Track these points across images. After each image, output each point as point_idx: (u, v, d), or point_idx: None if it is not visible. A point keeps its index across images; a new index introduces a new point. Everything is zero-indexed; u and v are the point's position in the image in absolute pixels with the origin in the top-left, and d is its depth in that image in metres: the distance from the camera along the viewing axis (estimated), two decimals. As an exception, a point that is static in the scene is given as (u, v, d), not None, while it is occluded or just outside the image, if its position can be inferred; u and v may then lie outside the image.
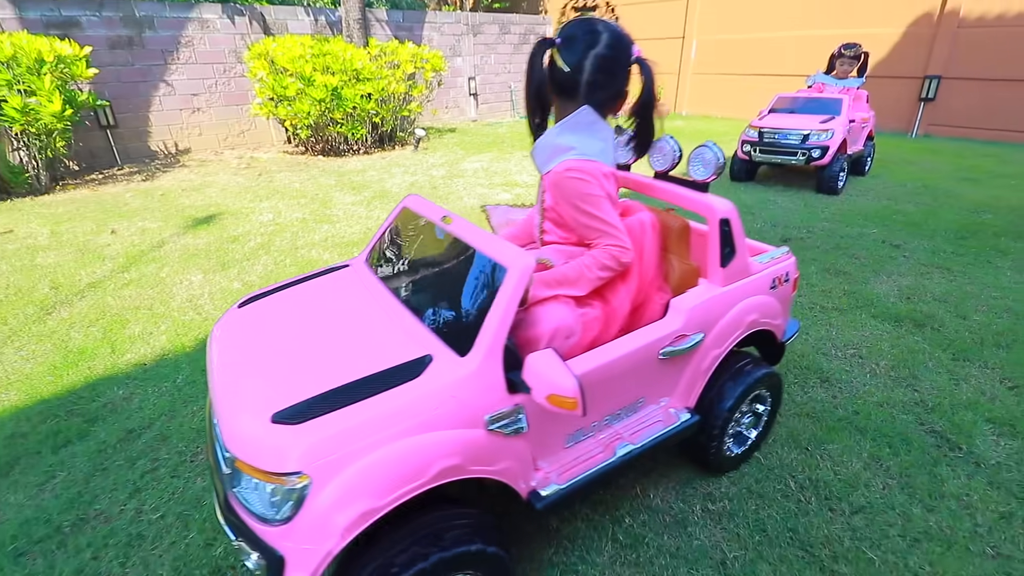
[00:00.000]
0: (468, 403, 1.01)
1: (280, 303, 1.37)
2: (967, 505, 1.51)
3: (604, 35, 1.17)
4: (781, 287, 1.59)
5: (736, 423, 1.57)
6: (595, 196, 1.20)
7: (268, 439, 0.92)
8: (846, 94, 4.94)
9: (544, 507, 1.14)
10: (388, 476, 0.92)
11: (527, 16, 11.47)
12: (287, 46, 6.53)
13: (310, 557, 0.89)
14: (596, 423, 1.29)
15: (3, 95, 4.86)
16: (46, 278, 3.14)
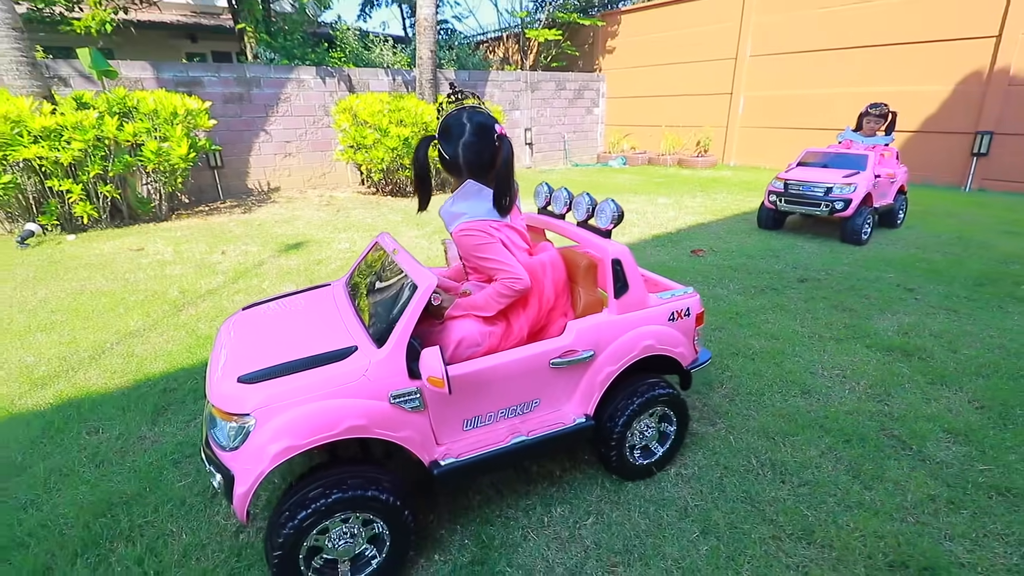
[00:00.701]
0: (377, 381, 1.40)
1: (272, 308, 1.86)
2: (901, 488, 1.81)
3: (468, 126, 1.58)
4: (681, 320, 1.87)
5: (641, 436, 1.84)
6: (486, 245, 1.58)
7: (232, 392, 1.37)
8: (872, 151, 5.18)
9: (440, 474, 1.48)
10: (308, 424, 1.32)
11: (582, 74, 12.36)
12: (368, 102, 7.56)
13: (249, 475, 1.30)
14: (492, 414, 1.62)
15: (142, 140, 5.99)
16: (175, 285, 3.95)
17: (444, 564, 1.54)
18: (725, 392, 2.43)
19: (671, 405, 1.86)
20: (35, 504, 1.79)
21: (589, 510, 1.74)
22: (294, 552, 1.33)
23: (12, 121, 5.18)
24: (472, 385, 1.54)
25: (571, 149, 12.35)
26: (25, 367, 2.74)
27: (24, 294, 3.82)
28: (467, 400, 1.56)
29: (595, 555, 1.56)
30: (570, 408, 1.74)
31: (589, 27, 12.49)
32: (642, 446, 1.88)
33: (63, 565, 1.54)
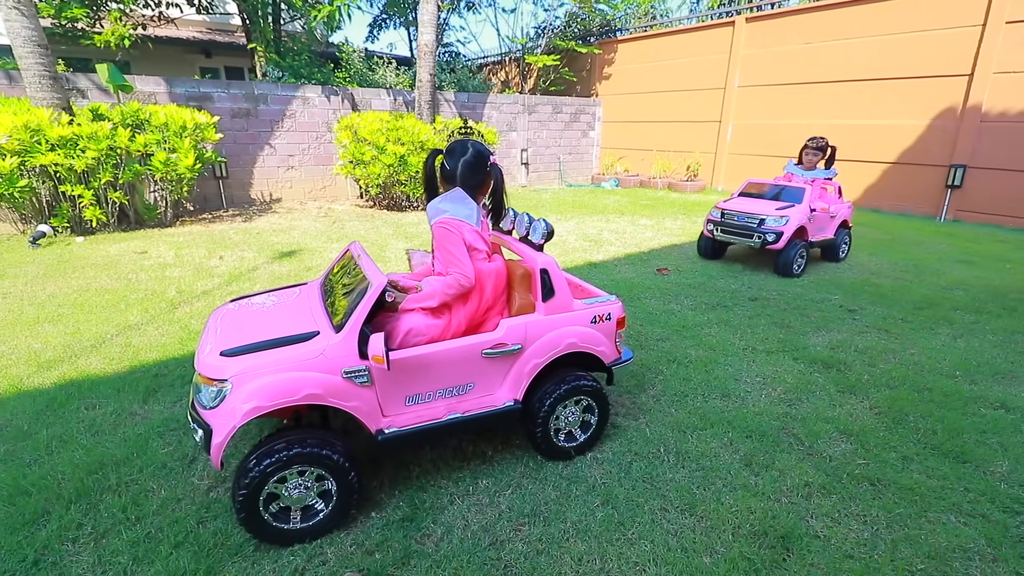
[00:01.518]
0: (332, 359, 1.71)
1: (254, 301, 2.18)
2: (784, 475, 2.08)
3: (470, 150, 2.03)
4: (603, 323, 2.16)
5: (566, 421, 2.11)
6: (453, 241, 1.93)
7: (215, 363, 1.68)
8: (812, 184, 5.18)
9: (383, 440, 1.78)
10: (274, 390, 1.63)
11: (579, 98, 12.83)
12: (368, 120, 7.98)
13: (224, 428, 1.59)
14: (431, 393, 1.91)
15: (152, 150, 6.39)
16: (173, 285, 4.27)
17: (379, 520, 1.82)
18: (653, 393, 2.72)
19: (593, 396, 2.15)
20: (38, 463, 2.09)
21: (510, 483, 2.02)
22: (256, 494, 1.62)
23: (32, 130, 5.58)
24: (413, 367, 1.84)
25: (566, 170, 12.76)
26: (33, 352, 3.05)
27: (34, 289, 4.15)
28: (408, 380, 1.86)
29: (507, 517, 1.84)
30: (502, 393, 2.04)
31: (587, 54, 13.00)
32: (567, 430, 2.16)
33: (59, 510, 1.83)
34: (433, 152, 2.11)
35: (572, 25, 13.20)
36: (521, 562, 1.66)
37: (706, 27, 11.10)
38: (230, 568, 1.62)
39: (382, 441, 1.80)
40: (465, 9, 14.25)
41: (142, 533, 1.74)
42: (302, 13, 10.00)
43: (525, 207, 8.67)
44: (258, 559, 1.65)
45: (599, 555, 1.68)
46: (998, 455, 2.22)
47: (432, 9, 8.27)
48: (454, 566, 1.63)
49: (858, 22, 8.92)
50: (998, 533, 1.79)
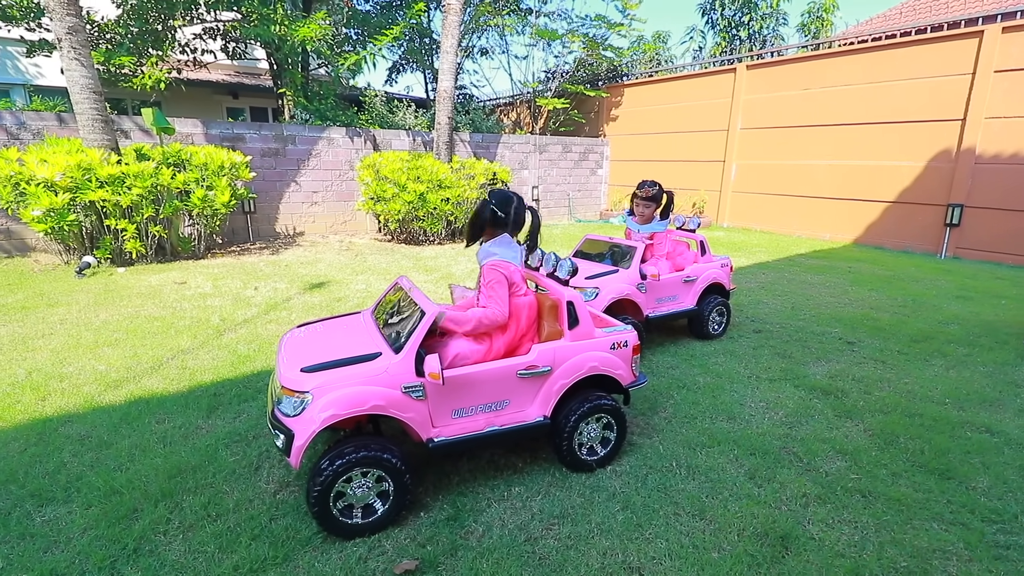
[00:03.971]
0: (394, 376, 2.01)
1: (318, 326, 2.52)
2: (784, 487, 2.32)
3: (515, 200, 2.41)
4: (620, 349, 2.44)
5: (588, 436, 2.36)
6: (499, 281, 2.29)
7: (297, 377, 1.99)
8: (652, 240, 4.13)
9: (433, 447, 2.06)
10: (347, 401, 1.92)
11: (587, 138, 13.41)
12: (389, 160, 8.47)
13: (304, 433, 1.88)
14: (473, 407, 2.19)
15: (191, 188, 6.85)
16: (215, 314, 4.61)
17: (428, 519, 2.08)
18: (665, 415, 2.97)
19: (612, 414, 2.42)
20: (122, 468, 2.37)
21: (540, 490, 2.27)
22: (327, 491, 1.88)
23: (84, 169, 6.06)
24: (460, 385, 2.15)
25: (575, 206, 13.22)
26: (99, 373, 3.37)
27: (88, 316, 4.50)
28: (455, 395, 2.15)
29: (539, 518, 2.09)
30: (533, 409, 2.32)
31: (595, 97, 13.65)
32: (589, 445, 2.42)
33: (148, 507, 2.10)
34: (485, 201, 2.42)
35: (581, 70, 13.91)
36: (553, 555, 1.90)
37: (709, 73, 11.71)
38: (303, 556, 1.87)
39: (432, 448, 2.08)
40: (479, 55, 15.07)
41: (223, 527, 2.00)
42: (330, 60, 10.69)
43: (537, 242, 9.04)
44: (326, 549, 1.91)
45: (621, 550, 1.93)
46: (980, 472, 2.45)
47: (452, 59, 8.88)
48: (496, 557, 1.88)
49: (853, 70, 9.44)
50: (975, 538, 2.01)
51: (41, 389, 3.12)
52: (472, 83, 17.65)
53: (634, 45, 14.15)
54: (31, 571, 1.78)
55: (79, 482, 2.26)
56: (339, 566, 1.83)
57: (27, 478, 2.28)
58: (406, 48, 14.05)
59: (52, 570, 1.78)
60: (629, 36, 13.40)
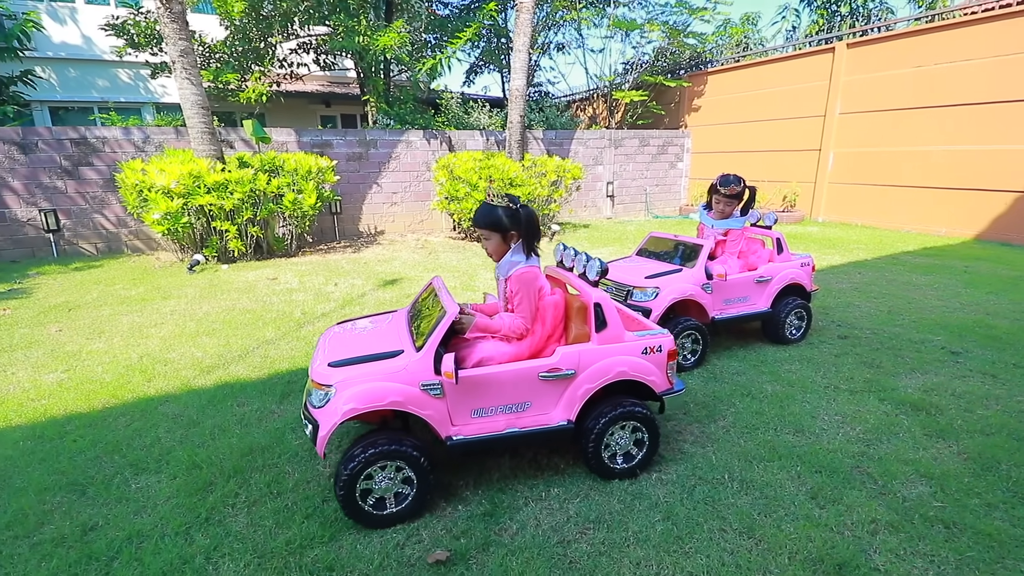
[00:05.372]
0: (413, 373, 2.05)
1: (356, 323, 2.60)
2: (850, 510, 2.11)
3: (522, 212, 2.33)
4: (654, 354, 2.32)
5: (616, 444, 2.28)
6: (532, 290, 2.28)
7: (324, 371, 2.08)
8: (715, 239, 3.94)
9: (452, 445, 2.08)
10: (366, 395, 1.98)
11: (667, 131, 12.90)
12: (463, 160, 8.69)
13: (328, 423, 1.96)
14: (493, 408, 2.18)
15: (283, 192, 7.46)
16: (299, 308, 5.01)
17: (464, 512, 2.13)
18: (723, 424, 2.81)
19: (643, 422, 2.30)
20: (204, 445, 2.66)
21: (579, 493, 2.24)
22: (355, 480, 1.98)
23: (194, 176, 6.80)
24: (478, 384, 2.14)
25: (653, 201, 12.79)
26: (196, 359, 3.79)
27: (193, 308, 5.07)
28: (474, 395, 2.15)
29: (574, 521, 2.07)
30: (556, 413, 2.26)
31: (675, 87, 13.09)
32: (622, 452, 2.33)
33: (221, 482, 2.35)
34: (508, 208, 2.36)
35: (660, 60, 13.40)
36: (584, 560, 1.87)
37: (804, 55, 10.81)
38: (347, 536, 2.00)
39: (450, 446, 2.11)
40: (555, 51, 14.99)
41: (282, 504, 2.19)
42: (409, 66, 11.15)
43: (610, 238, 8.87)
44: (368, 533, 2.02)
45: (656, 562, 1.86)
46: (1106, 512, 2.07)
47: (524, 57, 8.92)
48: (526, 556, 1.89)
49: (976, 42, 8.29)
50: (1088, 589, 1.72)
51: (148, 372, 3.57)
52: (547, 80, 17.62)
53: (719, 30, 13.36)
54: (122, 530, 2.06)
55: (168, 455, 2.57)
56: (378, 550, 1.93)
57: (128, 449, 2.63)
58: (483, 49, 14.31)
59: (139, 531, 2.05)
60: (714, 21, 12.70)
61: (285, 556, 1.91)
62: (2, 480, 2.40)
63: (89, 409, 3.07)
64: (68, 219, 7.96)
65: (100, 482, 2.38)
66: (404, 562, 1.88)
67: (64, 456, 2.58)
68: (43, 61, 12.18)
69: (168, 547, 1.96)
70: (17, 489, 2.33)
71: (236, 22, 9.82)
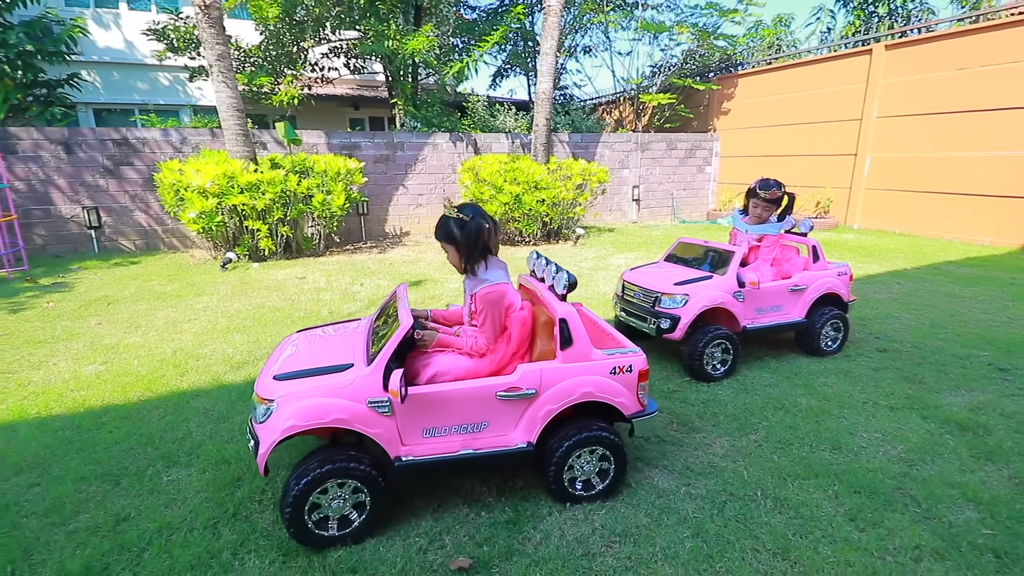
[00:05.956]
0: (360, 389, 1.92)
1: (316, 332, 2.47)
2: (893, 534, 2.01)
3: (470, 224, 2.20)
4: (623, 374, 2.17)
5: (580, 470, 2.15)
6: (498, 310, 2.18)
7: (268, 384, 1.99)
8: (748, 244, 3.84)
9: (400, 466, 1.97)
10: (308, 412, 1.87)
11: (695, 134, 12.71)
12: (488, 162, 8.70)
13: (267, 440, 1.86)
14: (447, 428, 2.05)
15: (313, 192, 7.58)
16: (326, 307, 5.07)
17: (488, 519, 2.11)
18: (755, 438, 2.72)
19: (609, 446, 2.16)
20: (234, 440, 2.70)
21: (604, 504, 2.19)
22: (301, 506, 1.87)
23: (228, 177, 6.96)
24: (429, 403, 2.02)
25: (680, 206, 12.60)
26: (227, 355, 3.86)
27: (225, 304, 5.18)
28: (426, 414, 2.03)
29: (600, 533, 2.02)
30: (516, 435, 2.13)
31: (704, 90, 12.89)
32: (585, 479, 2.19)
33: (249, 478, 2.37)
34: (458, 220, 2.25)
35: (689, 62, 13.21)
36: (610, 574, 1.83)
37: (839, 57, 10.52)
38: (369, 540, 1.99)
39: (398, 467, 1.99)
40: (582, 54, 14.93)
41: (306, 504, 2.19)
42: (436, 70, 11.24)
43: (635, 243, 8.77)
44: (391, 536, 2.01)
45: (685, 580, 1.80)
46: None
47: (551, 60, 8.90)
48: (550, 568, 1.85)
49: (1022, 44, 7.92)
50: None
51: (182, 366, 3.65)
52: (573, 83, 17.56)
53: (751, 32, 13.12)
54: (153, 522, 2.09)
55: (199, 449, 2.62)
56: (400, 554, 1.92)
57: (161, 442, 2.69)
58: (509, 53, 14.34)
59: (169, 523, 2.08)
60: (745, 23, 12.46)
61: (309, 555, 1.92)
62: (42, 468, 2.48)
63: (125, 401, 3.15)
64: (109, 216, 8.25)
65: (133, 473, 2.43)
66: (427, 567, 1.87)
67: (100, 446, 2.65)
68: (88, 65, 12.68)
69: (196, 541, 1.99)
70: (55, 477, 2.40)
71: (270, 27, 10.06)
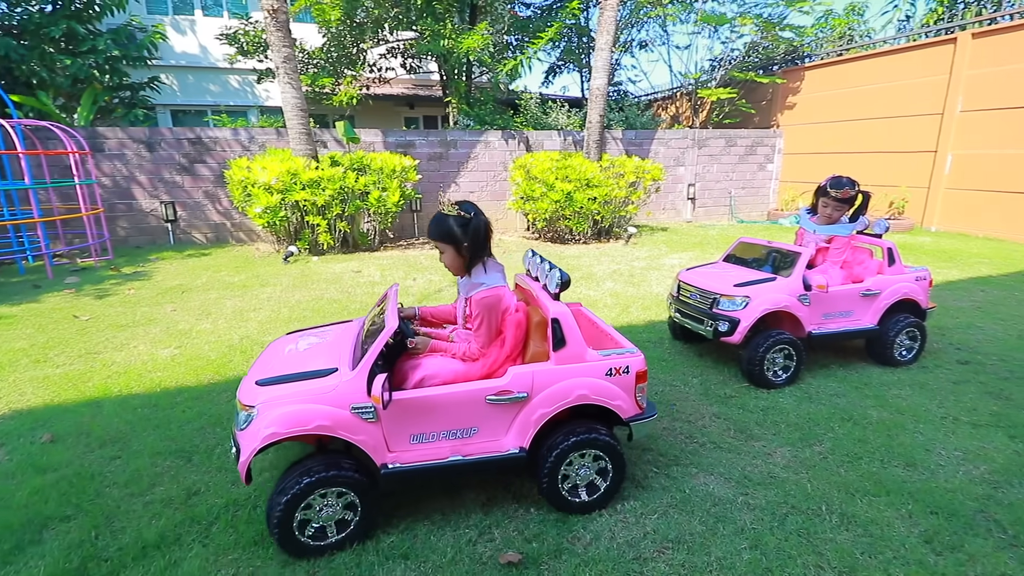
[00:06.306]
0: (344, 395, 1.84)
1: (305, 334, 2.38)
2: (974, 560, 1.85)
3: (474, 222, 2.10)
4: (619, 376, 2.07)
5: (576, 476, 2.05)
6: (495, 314, 2.08)
7: (250, 389, 1.91)
8: (816, 246, 3.62)
9: (386, 474, 1.88)
10: (289, 419, 1.79)
11: (756, 130, 12.19)
12: (540, 160, 8.68)
13: (247, 448, 1.78)
14: (435, 434, 1.97)
15: (369, 189, 7.81)
16: (379, 300, 5.21)
17: (538, 516, 2.10)
18: (820, 449, 2.58)
19: (606, 451, 2.07)
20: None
21: (657, 509, 2.14)
22: (289, 519, 1.80)
23: (291, 174, 7.29)
24: (415, 408, 1.94)
25: (738, 205, 12.12)
26: (287, 344, 4.05)
27: (287, 295, 5.43)
28: (412, 419, 1.95)
29: (651, 538, 1.97)
30: (508, 440, 2.04)
31: (768, 84, 12.32)
32: (580, 484, 2.10)
33: (308, 463, 2.47)
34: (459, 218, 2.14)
35: (752, 55, 12.67)
36: (663, 581, 1.78)
37: (919, 46, 9.79)
38: (422, 527, 2.03)
39: (383, 475, 1.91)
40: (638, 49, 14.62)
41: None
42: (490, 68, 11.32)
43: (689, 243, 8.51)
44: (442, 526, 2.05)
45: (742, 593, 1.73)
46: None
47: (606, 56, 8.76)
48: (600, 569, 1.82)
49: None
50: None
51: (247, 352, 3.86)
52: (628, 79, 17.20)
53: (820, 22, 12.43)
54: (220, 497, 2.22)
55: (263, 433, 2.75)
56: (451, 543, 1.95)
57: (228, 423, 2.85)
58: (563, 49, 14.23)
59: (235, 500, 2.20)
60: (813, 12, 11.82)
61: (363, 538, 1.97)
62: (123, 442, 2.68)
63: (196, 383, 3.37)
64: (184, 211, 8.83)
65: (203, 451, 2.59)
66: (476, 559, 1.88)
67: (174, 424, 2.84)
68: (166, 69, 13.60)
69: (259, 518, 2.09)
70: (134, 451, 2.59)
71: (332, 29, 10.43)
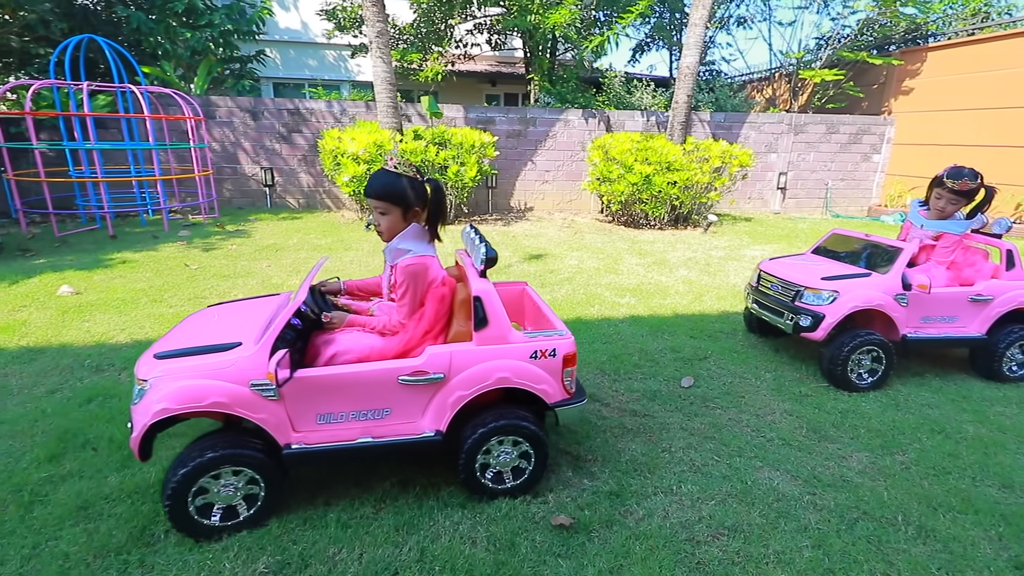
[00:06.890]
0: (243, 370, 1.75)
1: (226, 307, 2.25)
2: (1078, 595, 1.67)
3: (430, 185, 2.01)
4: (545, 359, 1.96)
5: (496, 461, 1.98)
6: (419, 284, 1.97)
7: (147, 363, 1.81)
8: (940, 241, 3.32)
9: (288, 455, 1.81)
10: (182, 395, 1.71)
11: (863, 116, 11.15)
12: (619, 140, 8.46)
13: (138, 424, 1.71)
14: (344, 414, 1.87)
15: (448, 163, 8.00)
16: (451, 271, 5.39)
17: (591, 487, 2.14)
18: (903, 459, 2.40)
19: (527, 437, 1.99)
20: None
21: (714, 496, 2.11)
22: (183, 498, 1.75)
23: (378, 145, 7.60)
24: (320, 387, 1.85)
25: (833, 198, 11.22)
26: (365, 306, 4.30)
27: (367, 259, 5.76)
28: (318, 398, 1.86)
29: (706, 523, 1.95)
30: (424, 422, 1.95)
31: (881, 66, 11.17)
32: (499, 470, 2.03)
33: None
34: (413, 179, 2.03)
35: (866, 33, 11.51)
36: (715, 565, 1.76)
37: (1076, 24, 8.45)
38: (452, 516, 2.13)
39: (286, 456, 1.83)
40: (735, 25, 13.73)
41: (426, 443, 2.40)
42: (576, 44, 11.11)
43: (774, 236, 8.03)
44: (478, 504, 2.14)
45: (799, 589, 1.68)
46: None
47: (699, 32, 8.32)
48: (651, 545, 1.84)
49: None
50: None
51: (329, 310, 4.15)
52: (722, 58, 16.26)
53: (952, -4, 11.02)
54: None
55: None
56: (506, 500, 2.03)
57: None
58: (654, 25, 13.65)
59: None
60: (945, -15, 10.50)
61: (426, 489, 2.10)
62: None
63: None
64: (280, 177, 9.50)
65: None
66: (529, 517, 1.96)
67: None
68: (271, 43, 14.52)
69: (334, 458, 2.27)
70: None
71: (423, 5, 10.64)
